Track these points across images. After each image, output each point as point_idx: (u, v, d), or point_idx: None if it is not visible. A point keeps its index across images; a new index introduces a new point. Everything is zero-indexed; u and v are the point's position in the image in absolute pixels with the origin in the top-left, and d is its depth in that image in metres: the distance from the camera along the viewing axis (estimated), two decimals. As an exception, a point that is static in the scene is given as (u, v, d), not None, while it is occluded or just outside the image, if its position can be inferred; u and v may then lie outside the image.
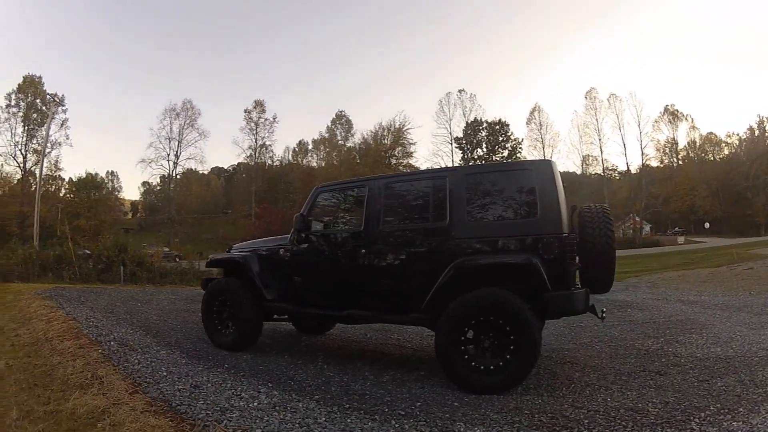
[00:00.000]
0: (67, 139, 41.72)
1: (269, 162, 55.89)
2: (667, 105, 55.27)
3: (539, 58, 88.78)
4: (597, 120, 51.30)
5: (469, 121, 51.11)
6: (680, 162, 56.85)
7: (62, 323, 5.30)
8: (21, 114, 38.40)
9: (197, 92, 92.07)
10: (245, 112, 52.76)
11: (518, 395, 3.38)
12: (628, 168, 54.35)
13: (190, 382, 3.50)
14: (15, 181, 39.08)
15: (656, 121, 53.98)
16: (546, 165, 3.98)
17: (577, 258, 3.80)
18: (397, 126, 46.95)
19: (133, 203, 63.70)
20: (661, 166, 55.90)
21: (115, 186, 56.35)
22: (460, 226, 3.85)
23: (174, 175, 49.07)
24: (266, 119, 52.87)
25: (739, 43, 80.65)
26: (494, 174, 4.21)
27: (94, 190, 43.50)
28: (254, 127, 52.66)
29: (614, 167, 55.78)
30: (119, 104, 76.18)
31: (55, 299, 7.07)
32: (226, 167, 61.43)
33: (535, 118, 52.45)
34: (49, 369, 3.72)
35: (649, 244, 42.88)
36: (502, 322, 3.42)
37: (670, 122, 54.97)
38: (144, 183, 54.13)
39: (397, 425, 2.82)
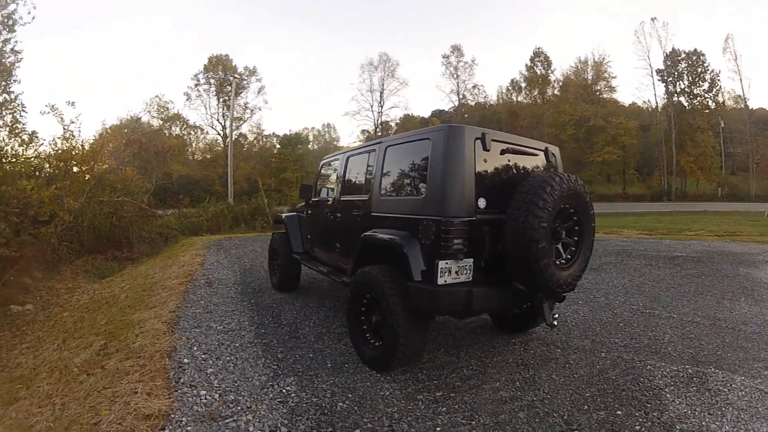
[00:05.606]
0: (266, 103, 51.26)
1: (482, 101, 58.45)
2: None
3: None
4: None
5: (667, 52, 44.48)
6: None
7: (189, 268, 7.51)
8: (213, 90, 47.09)
9: (389, 45, 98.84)
10: (443, 57, 55.34)
11: (388, 381, 3.24)
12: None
13: (208, 308, 4.94)
14: (221, 147, 47.64)
15: None
16: (439, 135, 3.25)
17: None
18: (596, 59, 46.21)
19: (354, 150, 73.55)
20: None
21: (333, 136, 66.77)
22: (376, 201, 3.89)
23: (380, 122, 55.51)
24: (465, 62, 54.95)
25: None
26: (405, 145, 3.75)
27: (299, 145, 51.86)
28: (454, 71, 55.53)
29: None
30: (322, 62, 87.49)
31: (209, 248, 9.73)
32: (446, 109, 64.80)
33: (729, 47, 43.59)
34: (147, 298, 5.70)
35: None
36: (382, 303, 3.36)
37: None
38: (363, 131, 60.02)
39: (261, 362, 3.49)
